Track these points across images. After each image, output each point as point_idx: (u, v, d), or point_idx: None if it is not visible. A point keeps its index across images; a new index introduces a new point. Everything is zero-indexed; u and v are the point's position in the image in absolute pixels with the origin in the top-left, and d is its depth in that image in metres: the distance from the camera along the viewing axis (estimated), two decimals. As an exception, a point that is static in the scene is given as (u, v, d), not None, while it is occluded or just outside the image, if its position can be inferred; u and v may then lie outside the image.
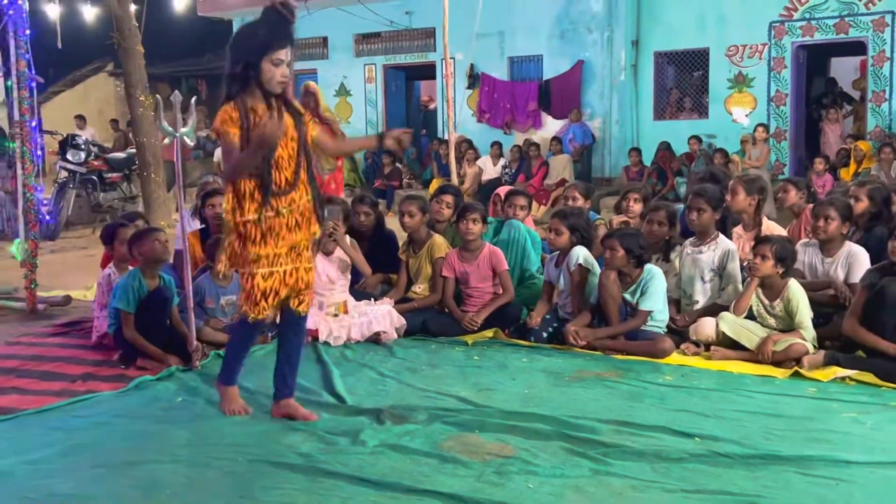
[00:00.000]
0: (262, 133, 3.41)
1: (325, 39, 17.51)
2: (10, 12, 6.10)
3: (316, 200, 3.72)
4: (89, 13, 19.09)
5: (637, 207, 6.16)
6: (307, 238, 3.73)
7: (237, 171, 3.55)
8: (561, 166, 13.60)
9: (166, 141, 4.69)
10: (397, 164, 15.31)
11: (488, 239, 5.98)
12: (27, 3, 6.21)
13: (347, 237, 5.82)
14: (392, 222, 6.92)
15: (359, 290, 5.80)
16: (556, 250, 5.52)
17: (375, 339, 5.30)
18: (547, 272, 5.60)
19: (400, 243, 6.10)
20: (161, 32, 18.45)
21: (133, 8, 11.42)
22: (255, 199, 3.58)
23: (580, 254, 5.31)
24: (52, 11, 14.88)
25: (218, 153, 17.37)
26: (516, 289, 5.74)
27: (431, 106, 19.48)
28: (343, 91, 17.66)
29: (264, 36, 3.53)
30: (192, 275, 4.83)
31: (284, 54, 3.56)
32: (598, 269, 5.30)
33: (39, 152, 6.52)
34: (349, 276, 5.75)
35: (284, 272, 3.67)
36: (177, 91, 4.75)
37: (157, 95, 5.58)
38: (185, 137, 4.59)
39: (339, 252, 5.69)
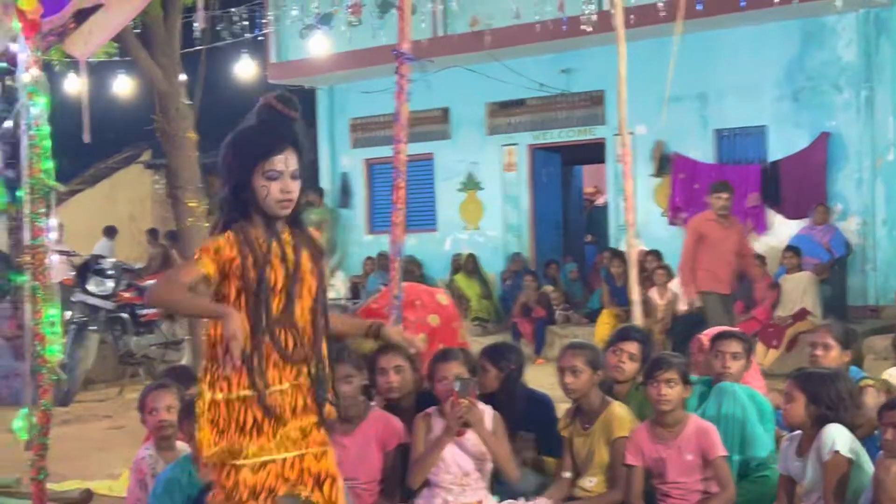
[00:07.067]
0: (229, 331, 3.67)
1: (444, 112, 17.98)
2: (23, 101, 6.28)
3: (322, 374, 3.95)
4: (120, 86, 20.35)
5: (925, 357, 6.05)
6: (318, 418, 3.95)
7: (178, 306, 4.00)
8: (800, 290, 13.45)
9: None
10: (546, 288, 15.44)
11: (692, 409, 5.95)
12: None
13: (489, 410, 5.79)
14: (542, 374, 6.84)
15: (504, 483, 5.78)
16: (794, 428, 5.43)
17: (528, 563, 5.34)
18: (784, 461, 5.50)
19: (559, 411, 6.09)
20: (218, 108, 19.18)
21: (182, 79, 11.59)
22: (251, 366, 3.77)
23: (837, 436, 5.16)
24: (74, 86, 15.87)
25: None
26: (738, 485, 5.66)
27: (600, 201, 19.77)
28: (471, 184, 18.04)
29: (254, 141, 3.83)
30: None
31: (283, 162, 3.83)
32: (868, 461, 5.17)
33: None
34: (489, 466, 5.75)
35: (284, 461, 3.83)
36: None
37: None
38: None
39: (473, 434, 5.67)
